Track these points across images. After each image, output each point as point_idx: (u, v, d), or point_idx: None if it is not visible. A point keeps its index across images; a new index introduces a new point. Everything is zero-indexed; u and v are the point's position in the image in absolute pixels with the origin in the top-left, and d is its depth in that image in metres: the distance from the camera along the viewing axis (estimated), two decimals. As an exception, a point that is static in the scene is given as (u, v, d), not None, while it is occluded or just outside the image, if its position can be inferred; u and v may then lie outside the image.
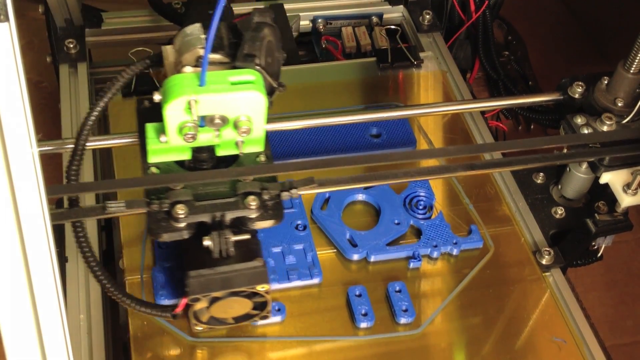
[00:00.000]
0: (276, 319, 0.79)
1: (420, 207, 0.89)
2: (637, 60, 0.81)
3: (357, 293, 0.81)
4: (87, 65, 1.04)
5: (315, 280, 0.82)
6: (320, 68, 1.09)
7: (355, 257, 0.84)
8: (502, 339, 0.81)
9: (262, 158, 0.74)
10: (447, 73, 1.09)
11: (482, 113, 1.07)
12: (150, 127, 0.71)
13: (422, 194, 0.90)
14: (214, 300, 0.70)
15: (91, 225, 0.86)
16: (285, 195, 0.71)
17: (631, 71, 0.82)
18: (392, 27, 1.17)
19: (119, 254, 0.82)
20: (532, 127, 1.29)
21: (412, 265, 0.85)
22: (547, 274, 0.87)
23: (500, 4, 1.23)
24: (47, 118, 1.20)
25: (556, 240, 0.90)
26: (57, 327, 0.51)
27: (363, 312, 0.80)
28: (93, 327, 0.79)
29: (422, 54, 1.09)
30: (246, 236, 0.70)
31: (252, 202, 0.69)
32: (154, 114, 0.70)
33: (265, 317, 0.75)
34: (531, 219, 0.91)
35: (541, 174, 0.95)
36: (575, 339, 0.81)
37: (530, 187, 0.94)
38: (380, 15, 1.18)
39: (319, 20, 1.16)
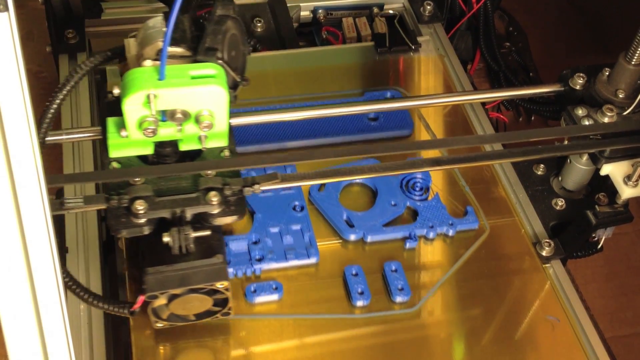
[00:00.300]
0: (273, 297, 0.80)
1: (417, 189, 0.90)
2: (638, 52, 0.81)
3: (354, 272, 0.82)
4: (87, 55, 1.04)
5: (313, 260, 0.83)
6: (319, 52, 1.10)
7: (352, 237, 0.85)
8: (497, 319, 0.81)
9: (226, 153, 0.73)
10: (444, 57, 1.09)
11: (483, 104, 1.06)
12: (111, 122, 0.70)
13: (418, 176, 0.91)
14: (172, 297, 0.69)
15: (92, 216, 0.86)
16: (247, 190, 0.70)
17: (632, 62, 0.82)
18: (391, 12, 1.17)
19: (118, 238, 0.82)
20: (532, 118, 1.28)
21: (408, 245, 0.85)
22: (547, 265, 0.87)
23: (502, -5, 1.23)
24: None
25: (556, 231, 0.90)
26: (58, 318, 0.51)
27: (359, 290, 0.81)
28: (93, 317, 0.79)
29: (419, 39, 1.10)
30: (206, 232, 0.69)
31: (214, 197, 0.68)
32: (117, 107, 0.69)
33: (227, 314, 0.74)
34: (531, 210, 0.91)
35: (542, 165, 0.95)
36: (575, 330, 0.82)
37: (530, 179, 0.94)
38: (381, 6, 1.17)
39: (320, 10, 1.16)
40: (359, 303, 0.80)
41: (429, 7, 1.15)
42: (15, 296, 0.49)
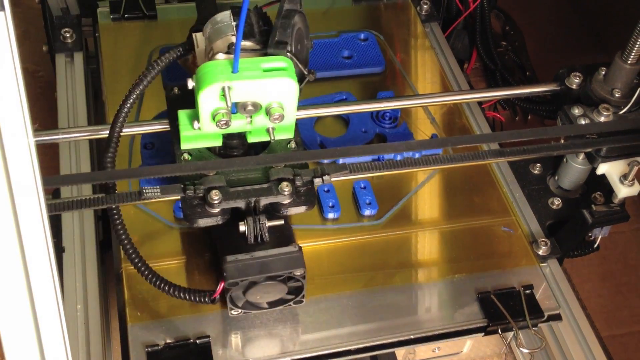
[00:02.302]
0: None
1: (387, 118, 0.94)
2: (634, 51, 0.81)
3: (326, 189, 0.87)
4: (84, 54, 1.04)
5: None
6: None
7: (325, 160, 0.88)
8: (460, 232, 0.87)
9: (293, 145, 0.76)
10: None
11: (480, 104, 1.06)
12: (182, 114, 0.72)
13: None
14: (250, 285, 0.71)
15: (88, 216, 0.86)
16: (317, 181, 0.72)
17: (629, 62, 0.82)
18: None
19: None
20: (529, 117, 1.29)
21: None
22: (543, 264, 0.87)
23: (498, -6, 1.23)
24: (43, 108, 1.19)
25: (553, 230, 0.90)
26: (54, 318, 0.51)
27: (330, 204, 0.86)
28: (90, 317, 0.79)
29: None
30: (280, 222, 0.72)
31: (286, 187, 0.71)
32: (184, 101, 0.73)
33: (299, 302, 0.75)
34: (528, 209, 0.91)
35: (538, 164, 0.95)
36: (572, 328, 0.82)
37: (527, 178, 0.94)
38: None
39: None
40: (330, 215, 0.86)
41: (425, 6, 1.15)
42: (12, 297, 0.49)
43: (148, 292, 0.77)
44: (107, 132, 0.80)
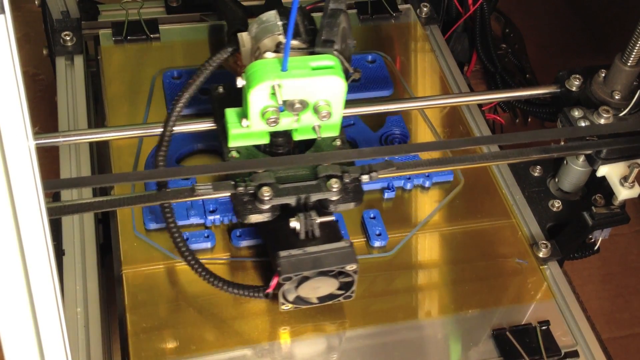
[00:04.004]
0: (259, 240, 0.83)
1: (396, 144, 0.94)
2: (634, 53, 0.81)
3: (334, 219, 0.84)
4: (84, 57, 1.04)
5: None
6: None
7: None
8: (469, 263, 0.85)
9: (338, 142, 0.77)
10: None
11: (480, 106, 1.06)
12: (230, 112, 0.73)
13: (397, 132, 0.95)
14: (303, 279, 0.71)
15: (88, 219, 0.86)
16: (364, 178, 0.73)
17: (628, 64, 0.82)
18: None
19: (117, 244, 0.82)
20: (529, 120, 1.29)
21: (386, 195, 0.89)
22: (544, 267, 0.87)
23: (498, -3, 1.23)
24: (43, 111, 1.19)
25: (553, 233, 0.90)
26: (54, 321, 0.51)
27: None
28: (90, 320, 0.78)
29: (400, 7, 1.14)
30: (330, 217, 0.73)
31: (335, 184, 0.72)
32: (230, 99, 0.74)
33: (349, 297, 0.75)
34: (528, 212, 0.91)
35: (538, 167, 0.95)
36: (572, 331, 0.82)
37: (527, 180, 0.94)
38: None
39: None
40: None
41: (425, 8, 1.15)
42: (12, 300, 0.49)
43: (148, 295, 0.77)
44: (106, 135, 0.81)
